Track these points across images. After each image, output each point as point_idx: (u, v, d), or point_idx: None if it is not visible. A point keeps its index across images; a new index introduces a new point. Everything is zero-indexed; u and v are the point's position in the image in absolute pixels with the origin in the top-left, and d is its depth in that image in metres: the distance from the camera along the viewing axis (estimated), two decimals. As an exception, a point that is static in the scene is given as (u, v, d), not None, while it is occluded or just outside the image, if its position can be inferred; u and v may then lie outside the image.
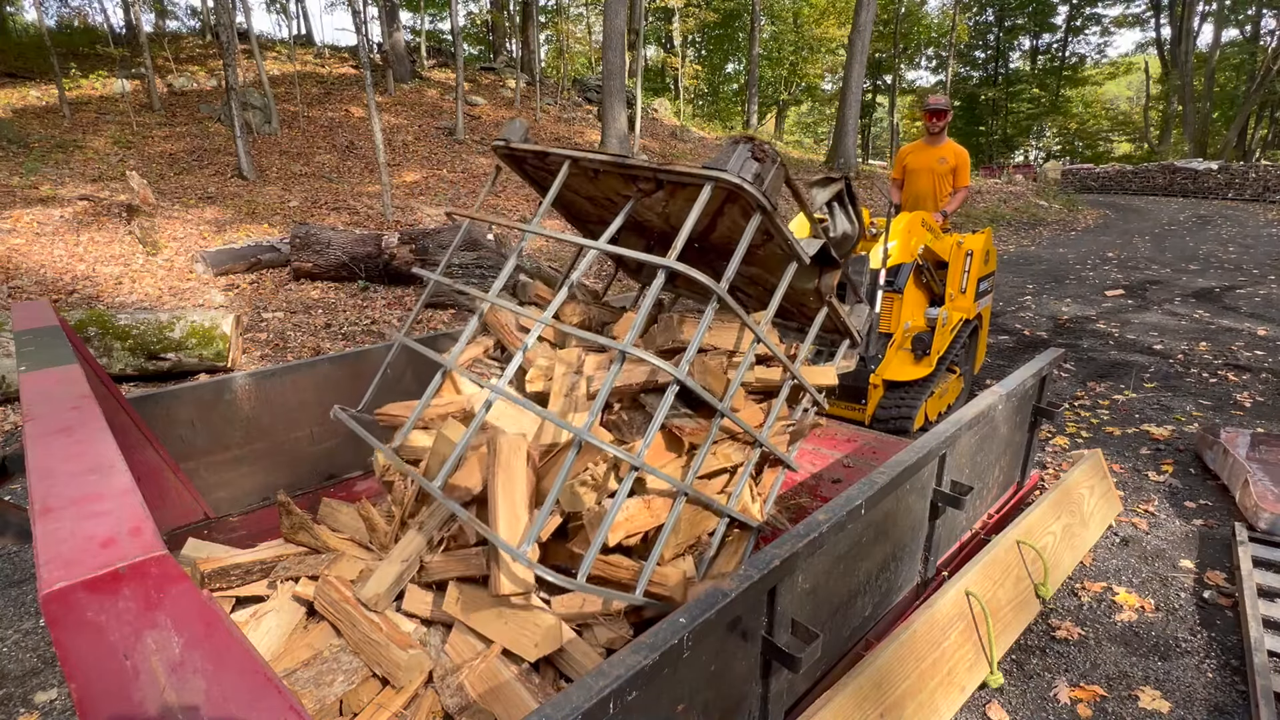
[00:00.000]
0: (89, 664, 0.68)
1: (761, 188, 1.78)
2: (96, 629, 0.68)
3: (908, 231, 3.81)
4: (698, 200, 1.75)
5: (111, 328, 5.08)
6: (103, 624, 0.68)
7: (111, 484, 0.86)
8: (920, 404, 3.86)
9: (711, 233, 2.25)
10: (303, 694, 1.51)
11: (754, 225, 1.83)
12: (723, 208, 2.03)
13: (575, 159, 2.17)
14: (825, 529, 1.63)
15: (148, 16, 23.64)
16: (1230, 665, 2.47)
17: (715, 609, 1.34)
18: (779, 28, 32.58)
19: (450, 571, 1.82)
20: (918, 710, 2.01)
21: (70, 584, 0.66)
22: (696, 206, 1.74)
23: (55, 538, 0.73)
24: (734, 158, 1.76)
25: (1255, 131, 31.92)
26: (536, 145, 2.32)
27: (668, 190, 2.08)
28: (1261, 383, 5.38)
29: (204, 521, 2.45)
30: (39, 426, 1.03)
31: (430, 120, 16.05)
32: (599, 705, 1.12)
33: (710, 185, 1.77)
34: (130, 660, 0.71)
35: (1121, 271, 10.55)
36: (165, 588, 0.72)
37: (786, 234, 1.96)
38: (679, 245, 1.72)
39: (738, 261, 1.79)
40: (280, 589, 1.85)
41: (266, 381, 2.63)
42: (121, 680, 0.70)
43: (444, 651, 1.73)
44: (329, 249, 7.39)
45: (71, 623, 0.67)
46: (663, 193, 2.11)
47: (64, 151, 11.19)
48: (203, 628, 0.75)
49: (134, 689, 0.71)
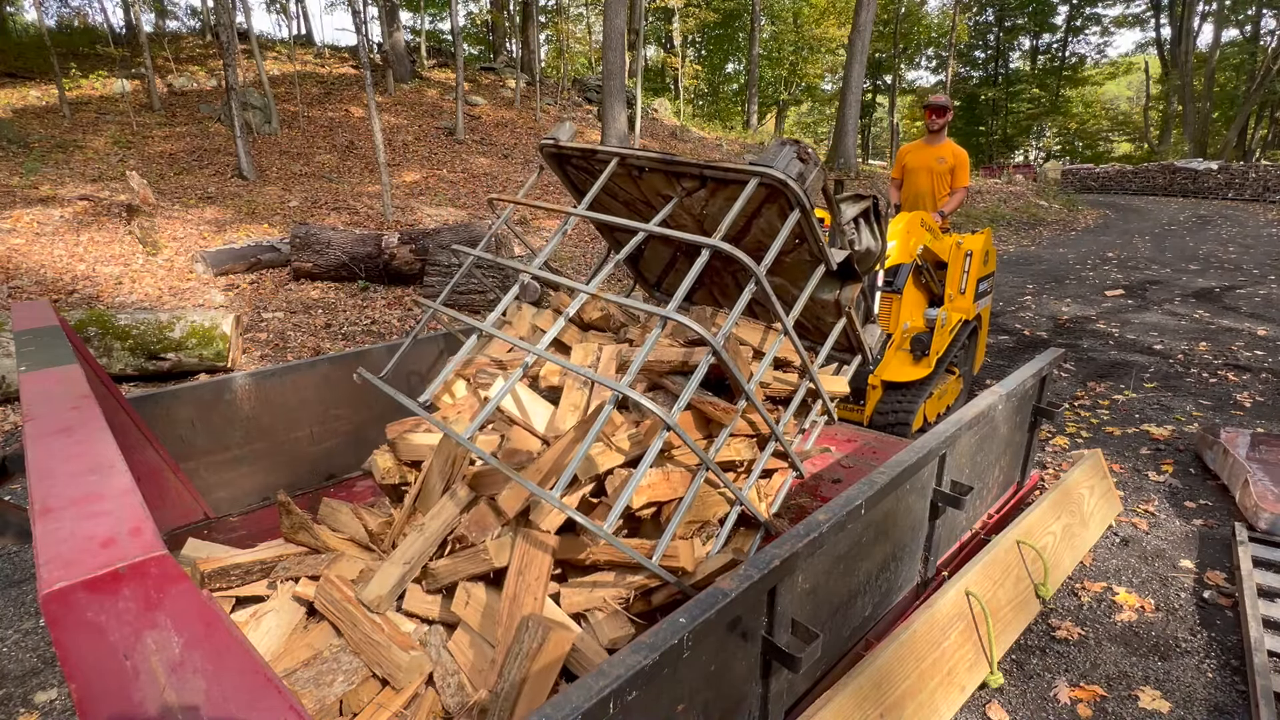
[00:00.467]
0: (89, 664, 0.68)
1: (803, 186, 1.86)
2: (96, 629, 0.68)
3: (906, 232, 3.81)
4: (742, 194, 1.82)
5: (111, 328, 5.08)
6: (103, 624, 0.68)
7: (111, 484, 0.86)
8: (919, 405, 3.85)
9: (744, 236, 2.30)
10: (302, 694, 1.51)
11: (791, 223, 1.89)
12: (760, 209, 2.10)
13: (623, 156, 2.23)
14: (825, 529, 1.63)
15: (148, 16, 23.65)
16: (1230, 665, 2.47)
17: (715, 609, 1.34)
18: (779, 28, 32.57)
19: (459, 573, 1.82)
20: (918, 710, 2.01)
21: (70, 584, 0.66)
22: (741, 199, 1.81)
23: (55, 538, 0.73)
24: (780, 156, 1.85)
25: (1255, 131, 31.92)
26: (584, 144, 2.38)
27: (709, 189, 2.14)
28: (1261, 383, 5.38)
29: (204, 521, 2.45)
30: (39, 426, 1.03)
31: (430, 120, 16.05)
32: (599, 705, 1.12)
33: (755, 181, 1.84)
34: (130, 660, 0.71)
35: (1121, 271, 10.55)
36: (165, 588, 0.72)
37: (819, 235, 2.03)
38: (723, 229, 1.78)
39: (777, 249, 1.86)
40: (280, 589, 1.85)
41: (266, 381, 2.63)
42: (121, 680, 0.70)
43: (445, 650, 1.73)
44: (329, 249, 7.39)
45: (71, 623, 0.67)
46: (704, 192, 2.16)
47: (64, 151, 11.19)
48: (203, 628, 0.75)
49: (134, 689, 0.71)
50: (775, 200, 2.00)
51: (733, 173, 1.96)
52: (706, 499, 1.99)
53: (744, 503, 1.94)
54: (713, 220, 2.30)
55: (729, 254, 1.72)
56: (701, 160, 2.03)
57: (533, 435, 2.11)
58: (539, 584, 1.66)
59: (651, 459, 1.62)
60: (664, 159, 2.12)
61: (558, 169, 2.69)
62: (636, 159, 2.19)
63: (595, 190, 2.26)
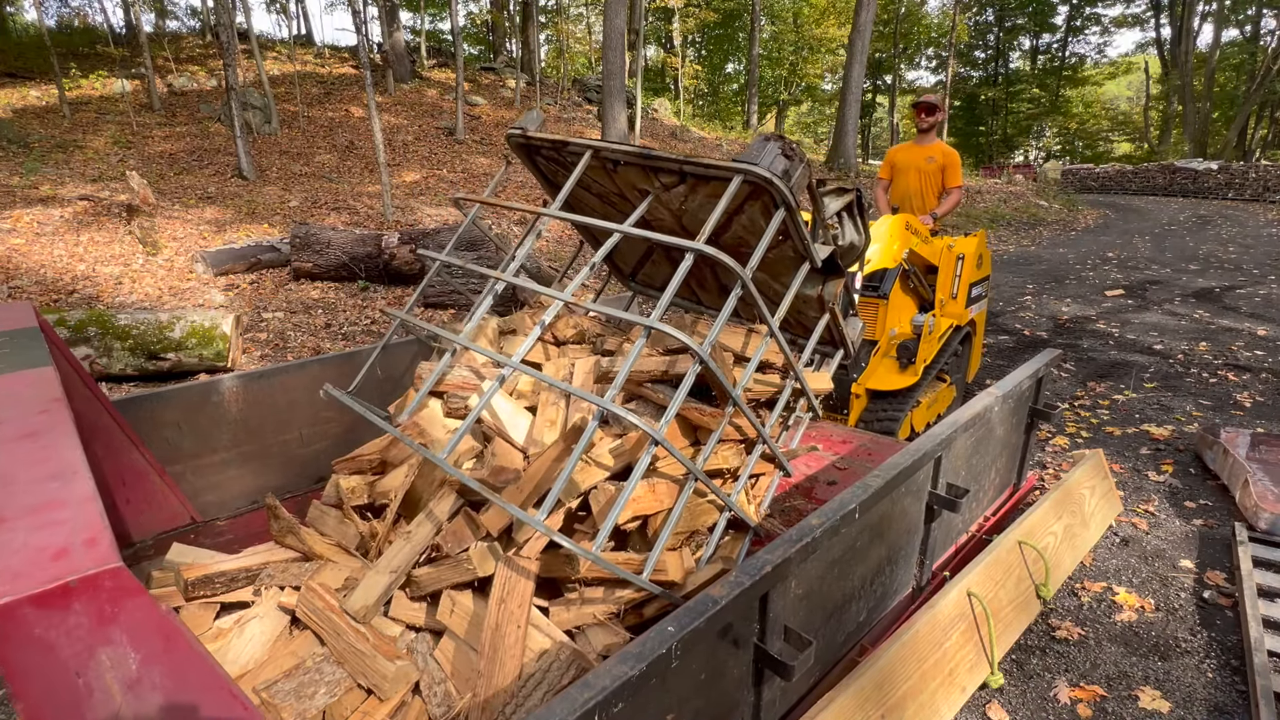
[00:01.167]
0: (37, 683, 0.65)
1: (788, 184, 1.80)
2: (45, 646, 0.65)
3: (890, 236, 3.70)
4: (726, 192, 1.76)
5: (111, 328, 5.06)
6: (52, 640, 0.65)
7: (73, 491, 0.83)
8: (904, 414, 3.76)
9: (724, 232, 2.24)
10: (283, 707, 1.48)
11: (777, 222, 1.84)
12: (743, 206, 2.03)
13: (597, 149, 2.11)
14: (818, 533, 1.60)
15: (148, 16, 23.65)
16: (1230, 665, 2.45)
17: (705, 617, 1.31)
18: (779, 28, 32.52)
19: (443, 581, 1.79)
20: (919, 711, 1.98)
21: (15, 599, 0.63)
22: (725, 197, 1.75)
23: (6, 549, 0.70)
24: (765, 153, 1.78)
25: (1255, 131, 31.85)
26: (555, 135, 2.27)
27: (689, 185, 2.06)
28: (1261, 383, 5.35)
29: (190, 526, 2.42)
30: (3, 431, 1.00)
31: (430, 120, 16.03)
32: (583, 718, 1.09)
33: (740, 179, 1.77)
34: (83, 678, 0.68)
35: (1121, 271, 10.52)
36: (120, 601, 0.69)
37: (804, 234, 1.97)
38: (707, 230, 1.71)
39: (761, 252, 1.80)
40: (266, 595, 1.83)
41: (255, 383, 2.60)
42: (73, 699, 0.67)
43: (431, 658, 1.70)
44: (329, 249, 7.36)
45: (18, 639, 0.64)
46: (684, 188, 2.08)
47: (64, 151, 11.17)
48: (161, 642, 0.72)
49: (87, 709, 0.68)
50: (759, 197, 1.94)
51: (714, 169, 1.89)
52: (695, 508, 1.95)
53: (734, 509, 1.91)
54: (692, 216, 2.23)
55: (714, 258, 1.66)
56: (680, 155, 1.96)
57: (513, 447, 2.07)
58: (521, 611, 1.62)
59: (640, 475, 1.58)
60: (641, 153, 2.02)
61: (527, 160, 2.58)
62: (611, 152, 2.09)
63: (568, 188, 2.16)
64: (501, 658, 1.55)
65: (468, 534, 1.81)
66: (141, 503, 2.19)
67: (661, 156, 1.99)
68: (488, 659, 1.56)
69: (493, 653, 1.56)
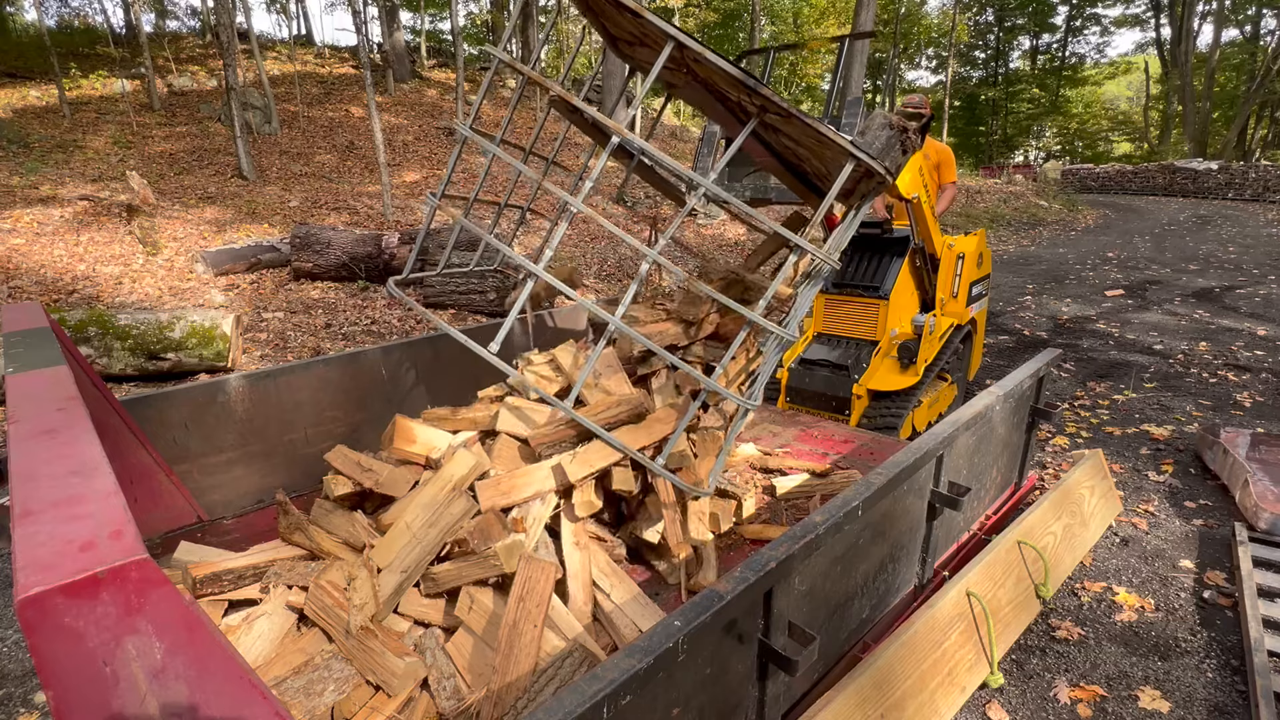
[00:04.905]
0: (67, 671, 0.67)
1: (895, 176, 1.88)
2: (75, 635, 0.67)
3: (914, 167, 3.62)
4: (839, 178, 1.80)
5: (112, 328, 5.07)
6: (81, 630, 0.67)
7: (94, 486, 0.85)
8: (906, 414, 3.78)
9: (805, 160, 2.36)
10: (292, 704, 1.49)
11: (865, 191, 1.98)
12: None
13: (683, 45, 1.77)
14: (822, 530, 1.61)
15: (148, 16, 23.65)
16: (1230, 665, 2.46)
17: (710, 611, 1.33)
18: (779, 28, 32.54)
19: (465, 577, 1.81)
20: (918, 711, 1.99)
21: (47, 589, 0.64)
22: (838, 182, 1.81)
23: (34, 541, 0.71)
24: (885, 143, 1.84)
25: (1255, 131, 31.87)
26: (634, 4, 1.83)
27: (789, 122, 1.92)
28: (1261, 383, 5.37)
29: (197, 524, 2.43)
30: (23, 429, 1.02)
31: (430, 120, 16.04)
32: (592, 710, 1.11)
33: (853, 163, 1.80)
34: (110, 667, 0.69)
35: (1121, 271, 10.54)
36: (146, 592, 0.71)
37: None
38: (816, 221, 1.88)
39: (826, 205, 1.86)
40: (274, 593, 1.84)
41: (260, 383, 2.62)
42: (101, 688, 0.69)
43: (440, 653, 1.71)
44: (329, 249, 7.38)
45: (48, 629, 0.65)
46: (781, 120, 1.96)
47: (64, 151, 11.18)
48: (185, 633, 0.74)
49: (114, 697, 0.69)
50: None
51: (829, 141, 1.78)
52: None
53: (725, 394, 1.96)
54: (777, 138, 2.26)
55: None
56: (787, 103, 1.77)
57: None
58: (539, 611, 1.65)
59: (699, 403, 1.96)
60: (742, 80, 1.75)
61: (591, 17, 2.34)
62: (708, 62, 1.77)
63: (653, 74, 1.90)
64: (517, 655, 1.57)
65: (497, 531, 1.83)
66: (149, 501, 2.21)
67: (769, 95, 1.78)
68: (503, 655, 1.58)
69: (508, 649, 1.58)
